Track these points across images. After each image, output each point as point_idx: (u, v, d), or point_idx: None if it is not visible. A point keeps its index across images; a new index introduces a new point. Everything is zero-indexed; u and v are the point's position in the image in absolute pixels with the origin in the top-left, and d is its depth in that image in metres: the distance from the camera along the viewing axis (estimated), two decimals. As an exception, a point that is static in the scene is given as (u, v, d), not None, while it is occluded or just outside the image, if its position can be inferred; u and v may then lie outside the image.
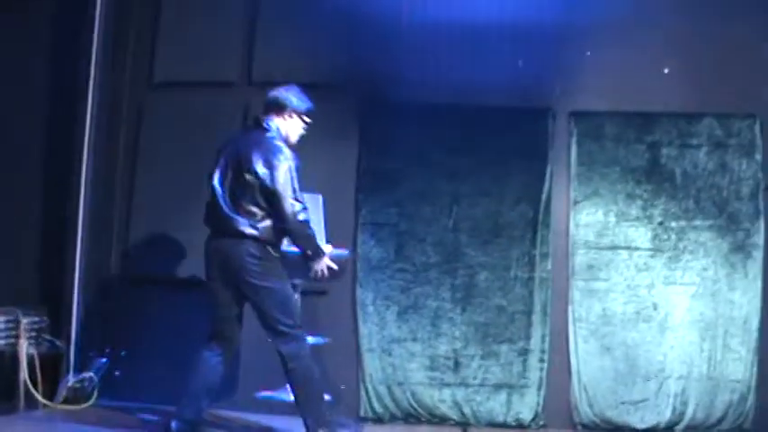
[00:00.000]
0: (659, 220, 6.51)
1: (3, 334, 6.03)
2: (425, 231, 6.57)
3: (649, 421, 6.36)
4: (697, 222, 6.51)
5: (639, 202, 6.55)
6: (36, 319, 6.25)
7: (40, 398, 6.09)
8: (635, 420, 6.39)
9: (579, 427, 6.43)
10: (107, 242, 6.82)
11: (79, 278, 6.59)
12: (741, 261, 6.53)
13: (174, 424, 5.36)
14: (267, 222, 5.27)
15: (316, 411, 5.32)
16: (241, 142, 5.42)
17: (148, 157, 6.83)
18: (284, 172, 5.24)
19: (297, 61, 6.69)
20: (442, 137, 6.62)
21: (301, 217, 5.26)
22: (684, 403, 6.35)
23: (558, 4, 6.68)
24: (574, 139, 6.62)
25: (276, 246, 5.36)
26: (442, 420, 6.46)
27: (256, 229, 5.26)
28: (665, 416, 6.34)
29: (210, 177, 5.41)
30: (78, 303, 6.58)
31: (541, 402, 6.45)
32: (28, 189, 6.81)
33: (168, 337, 6.59)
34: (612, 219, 6.56)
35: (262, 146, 5.32)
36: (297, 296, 5.65)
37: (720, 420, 6.39)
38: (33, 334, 6.20)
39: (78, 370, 6.49)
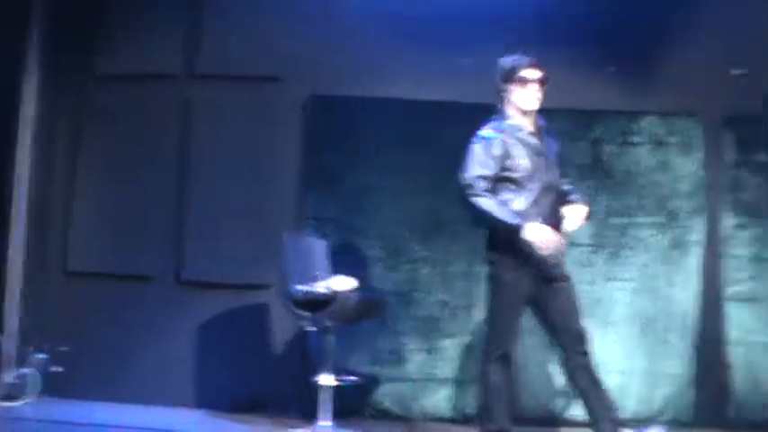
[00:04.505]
0: (601, 216, 6.56)
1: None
2: (368, 226, 6.58)
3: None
4: (638, 219, 6.58)
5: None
6: (-27, 314, 6.18)
7: (-25, 394, 6.02)
8: (576, 413, 6.44)
9: (524, 420, 6.46)
10: (47, 236, 6.75)
11: (18, 273, 6.52)
12: (680, 257, 6.60)
13: None
14: None
15: None
16: None
17: (90, 150, 6.78)
18: None
19: (241, 53, 6.66)
20: (387, 131, 6.62)
21: None
22: (624, 397, 6.40)
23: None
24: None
25: None
26: (385, 415, 6.47)
27: None
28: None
29: None
30: (17, 299, 6.51)
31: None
32: (-34, 182, 6.73)
33: (109, 332, 6.56)
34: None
35: None
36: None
37: (659, 414, 6.47)
38: (-30, 330, 6.13)
39: (17, 366, 6.43)
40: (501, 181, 5.08)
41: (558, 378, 6.41)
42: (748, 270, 6.68)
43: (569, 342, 5.11)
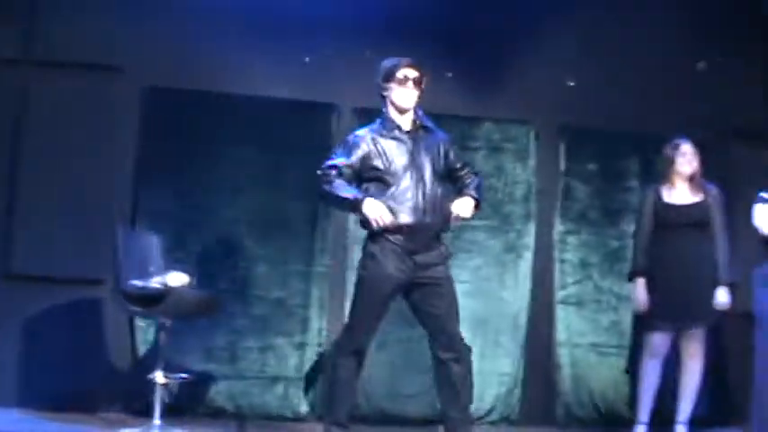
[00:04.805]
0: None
1: None
2: (204, 222, 6.50)
3: (423, 413, 6.50)
4: (473, 222, 6.67)
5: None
6: None
7: None
8: (410, 412, 6.54)
9: (356, 419, 6.51)
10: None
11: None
12: (512, 261, 6.80)
13: None
14: None
15: None
16: None
17: None
18: None
19: (80, 41, 6.48)
20: (226, 126, 6.55)
21: None
22: (456, 395, 6.54)
23: (347, 1, 6.78)
24: (356, 136, 6.70)
25: None
26: (218, 413, 6.40)
27: None
28: (437, 408, 6.49)
29: None
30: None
31: (318, 395, 6.49)
32: None
33: (47, 337, 6.31)
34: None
35: None
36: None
37: (489, 412, 6.63)
38: None
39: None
40: (373, 178, 5.20)
41: (394, 379, 6.54)
42: (576, 274, 6.94)
43: (440, 344, 5.21)
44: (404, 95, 5.25)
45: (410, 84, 5.25)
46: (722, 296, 6.11)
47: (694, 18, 7.01)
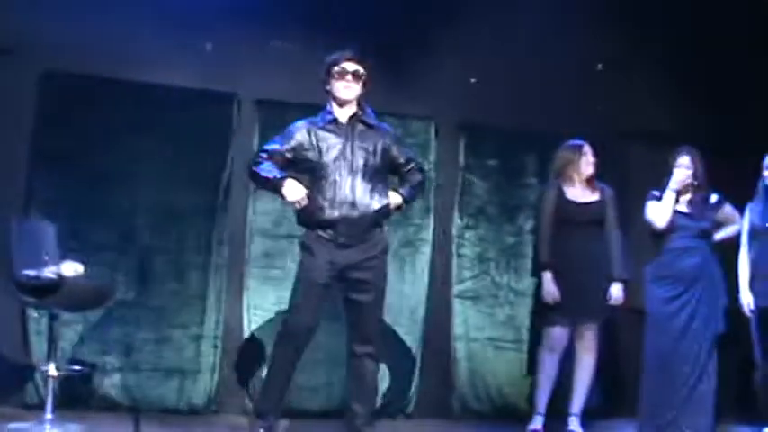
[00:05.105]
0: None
1: None
2: (100, 211, 6.34)
3: (324, 406, 6.51)
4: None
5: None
6: None
7: None
8: (310, 405, 6.52)
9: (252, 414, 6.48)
10: None
11: None
12: (410, 255, 6.84)
13: None
14: None
15: None
16: None
17: None
18: None
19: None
20: (125, 114, 6.40)
21: None
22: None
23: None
24: (257, 127, 6.65)
25: None
26: (113, 406, 6.26)
27: None
28: (337, 401, 6.50)
29: None
30: None
31: (214, 388, 6.44)
32: None
33: None
34: (290, 208, 6.63)
35: None
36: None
37: (386, 405, 6.63)
38: None
39: None
40: (306, 170, 5.31)
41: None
42: (474, 269, 7.02)
43: (358, 337, 5.31)
44: (341, 88, 5.34)
45: (348, 77, 5.35)
46: (616, 292, 6.25)
47: (594, 19, 7.15)
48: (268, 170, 5.26)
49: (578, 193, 6.35)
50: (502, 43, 7.03)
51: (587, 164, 6.35)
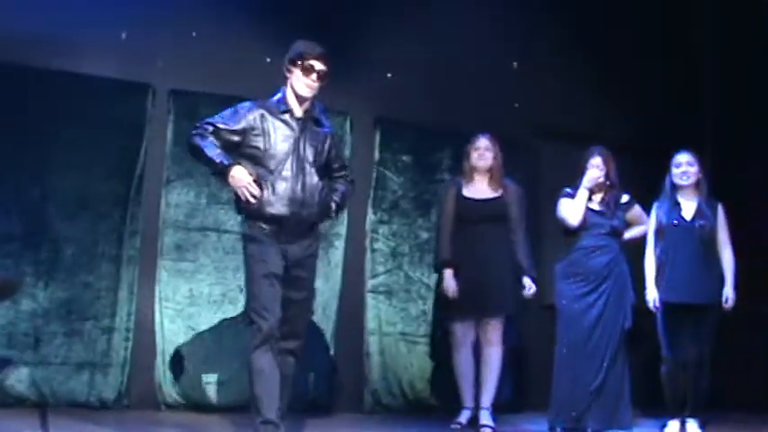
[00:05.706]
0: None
1: None
2: (9, 200, 6.18)
3: (232, 400, 6.44)
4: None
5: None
6: None
7: None
8: (218, 399, 6.48)
9: (163, 407, 6.40)
10: None
11: None
12: (324, 249, 6.79)
13: None
14: None
15: None
16: None
17: None
18: None
19: None
20: (36, 102, 6.27)
21: None
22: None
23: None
24: (171, 118, 6.57)
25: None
26: (19, 401, 6.11)
27: None
28: (245, 395, 6.44)
29: None
30: None
31: (125, 382, 6.34)
32: None
33: None
34: (204, 200, 6.61)
35: None
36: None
37: (301, 398, 6.58)
38: None
39: None
40: (251, 157, 5.08)
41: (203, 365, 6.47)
42: (387, 264, 7.06)
43: (284, 333, 5.10)
44: (304, 84, 5.17)
45: (314, 75, 5.17)
46: (528, 285, 6.33)
47: (510, 19, 7.24)
48: (213, 149, 5.02)
49: (477, 189, 6.41)
50: (418, 39, 7.09)
51: (479, 157, 6.38)
